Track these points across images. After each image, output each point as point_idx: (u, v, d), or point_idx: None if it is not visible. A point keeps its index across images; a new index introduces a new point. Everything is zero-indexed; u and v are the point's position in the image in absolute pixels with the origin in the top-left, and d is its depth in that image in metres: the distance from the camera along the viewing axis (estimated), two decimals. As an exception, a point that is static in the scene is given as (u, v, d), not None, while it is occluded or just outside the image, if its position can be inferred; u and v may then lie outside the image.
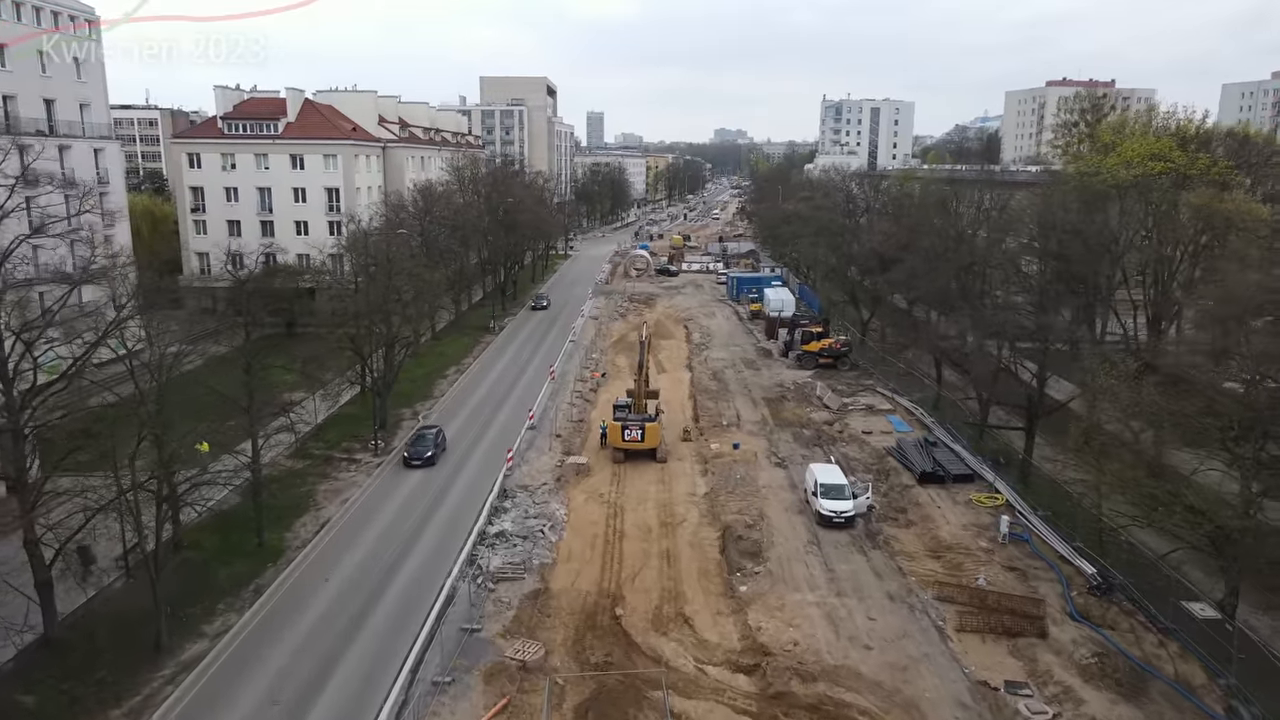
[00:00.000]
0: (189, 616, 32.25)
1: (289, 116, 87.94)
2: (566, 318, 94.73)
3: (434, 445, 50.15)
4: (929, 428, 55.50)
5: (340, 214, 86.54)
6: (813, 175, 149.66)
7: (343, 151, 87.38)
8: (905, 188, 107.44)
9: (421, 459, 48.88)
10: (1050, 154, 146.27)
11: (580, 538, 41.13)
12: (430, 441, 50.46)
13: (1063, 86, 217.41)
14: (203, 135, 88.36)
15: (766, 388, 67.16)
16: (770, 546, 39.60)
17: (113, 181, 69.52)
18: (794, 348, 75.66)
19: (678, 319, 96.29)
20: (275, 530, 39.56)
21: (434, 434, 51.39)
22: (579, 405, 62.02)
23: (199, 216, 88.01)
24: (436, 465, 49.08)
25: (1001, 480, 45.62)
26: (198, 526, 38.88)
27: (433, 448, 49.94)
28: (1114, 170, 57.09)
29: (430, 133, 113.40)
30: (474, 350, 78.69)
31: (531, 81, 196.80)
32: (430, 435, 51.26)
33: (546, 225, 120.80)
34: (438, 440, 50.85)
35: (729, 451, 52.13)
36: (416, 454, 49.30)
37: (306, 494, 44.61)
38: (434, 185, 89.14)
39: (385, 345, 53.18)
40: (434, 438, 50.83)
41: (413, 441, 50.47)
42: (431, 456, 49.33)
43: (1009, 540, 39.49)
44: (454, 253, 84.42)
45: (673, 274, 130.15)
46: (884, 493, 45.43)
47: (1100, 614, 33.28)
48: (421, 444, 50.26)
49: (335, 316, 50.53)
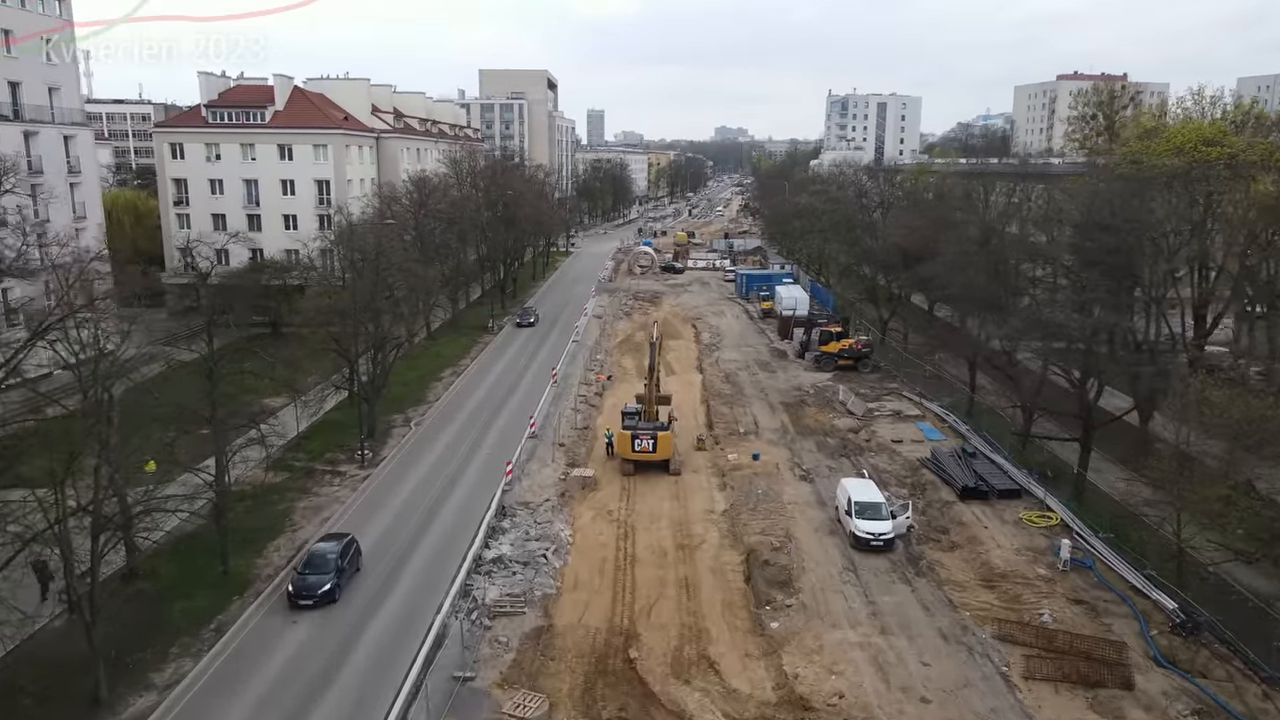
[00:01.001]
0: (136, 662, 27.84)
1: (277, 105, 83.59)
2: (568, 318, 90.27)
3: (334, 571, 31.74)
4: (964, 436, 51.06)
5: (331, 207, 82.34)
6: (820, 170, 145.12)
7: (333, 141, 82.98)
8: (921, 182, 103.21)
9: (313, 596, 31.02)
10: (1066, 147, 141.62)
11: (588, 562, 36.72)
12: (329, 564, 31.78)
13: (1074, 80, 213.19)
14: (186, 124, 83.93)
15: (784, 391, 62.73)
16: (801, 574, 35.18)
17: (85, 171, 65.07)
18: (811, 348, 71.25)
19: (685, 318, 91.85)
20: (244, 555, 35.13)
21: (335, 553, 32.29)
22: (584, 411, 57.58)
23: (182, 210, 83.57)
24: (435, 479, 44.59)
25: (1053, 497, 41.17)
26: (156, 552, 34.48)
27: (333, 576, 31.48)
28: (1161, 157, 52.57)
29: (427, 124, 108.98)
30: (471, 351, 74.26)
31: (532, 74, 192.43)
32: (330, 556, 32.11)
33: (547, 221, 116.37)
34: (343, 560, 32.40)
35: (748, 463, 47.71)
36: (305, 588, 31.12)
37: (283, 513, 40.15)
38: (429, 176, 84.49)
39: (374, 346, 48.75)
40: (335, 559, 32.02)
41: (302, 566, 32.09)
42: (330, 591, 31.12)
43: (1070, 567, 35.08)
44: (450, 248, 79.99)
45: (678, 271, 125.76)
46: (922, 510, 41.02)
47: (1189, 658, 28.88)
48: (314, 570, 31.61)
49: (319, 315, 46.02)
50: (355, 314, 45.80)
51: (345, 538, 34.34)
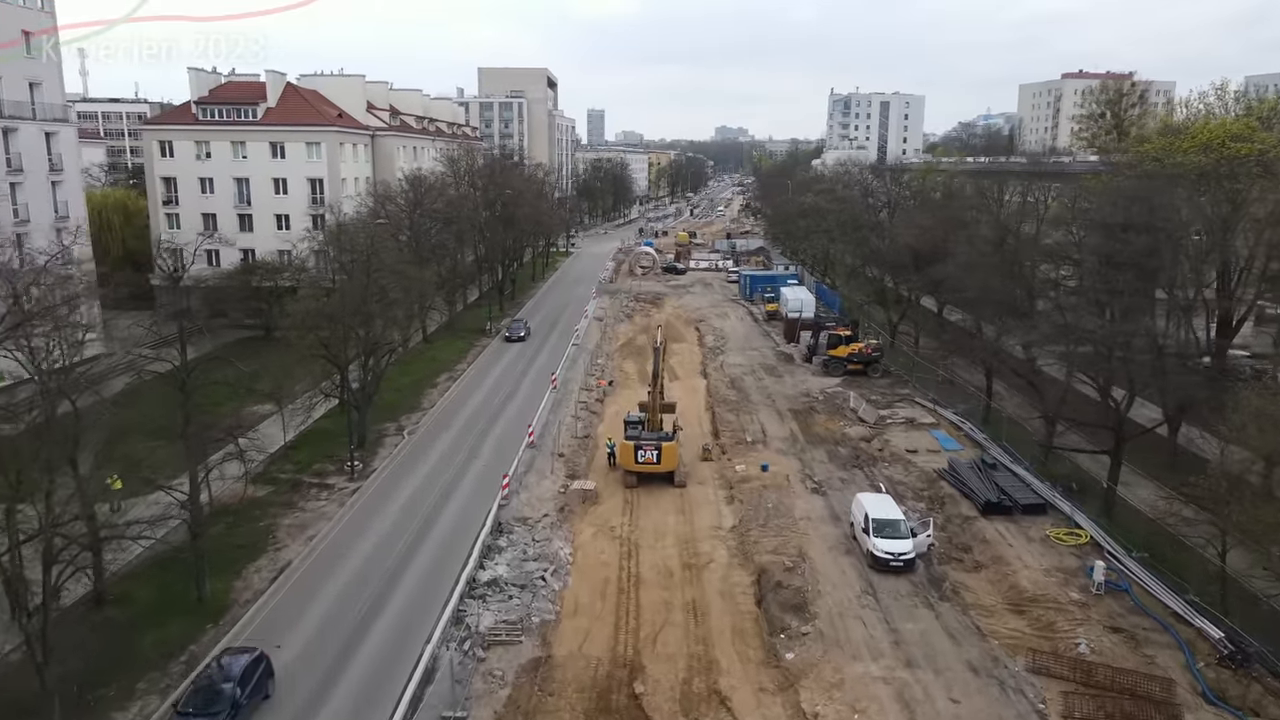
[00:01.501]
0: (99, 700, 25.63)
1: (269, 101, 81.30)
2: (568, 320, 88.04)
3: (229, 704, 24.10)
4: (982, 446, 48.83)
5: (324, 206, 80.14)
6: (823, 169, 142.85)
7: (327, 139, 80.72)
8: (928, 181, 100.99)
9: None
10: (1074, 146, 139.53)
11: (588, 584, 34.51)
12: (223, 699, 24.16)
13: (1080, 79, 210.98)
14: (175, 121, 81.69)
15: (792, 397, 60.47)
16: (817, 597, 32.95)
17: (67, 169, 62.83)
18: (819, 352, 68.97)
19: (688, 320, 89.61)
20: (222, 578, 32.92)
21: (235, 679, 24.74)
22: (584, 418, 55.34)
23: (171, 209, 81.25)
24: (427, 493, 42.36)
25: (1080, 512, 38.93)
26: (129, 574, 32.28)
27: (227, 710, 23.98)
28: (1188, 155, 50.36)
29: (424, 122, 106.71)
30: (468, 355, 72.00)
31: (531, 73, 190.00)
32: (224, 687, 24.45)
33: (547, 220, 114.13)
34: (245, 681, 24.93)
35: (757, 474, 45.46)
36: None
37: (265, 530, 37.92)
38: (425, 175, 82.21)
39: (365, 353, 46.50)
40: (239, 677, 24.86)
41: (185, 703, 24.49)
42: None
43: (1105, 590, 32.85)
44: (446, 249, 77.75)
45: (680, 272, 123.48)
46: (942, 525, 38.78)
47: (1240, 693, 26.67)
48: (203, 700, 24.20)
49: (308, 319, 43.75)
50: (345, 318, 43.51)
51: (243, 659, 25.70)
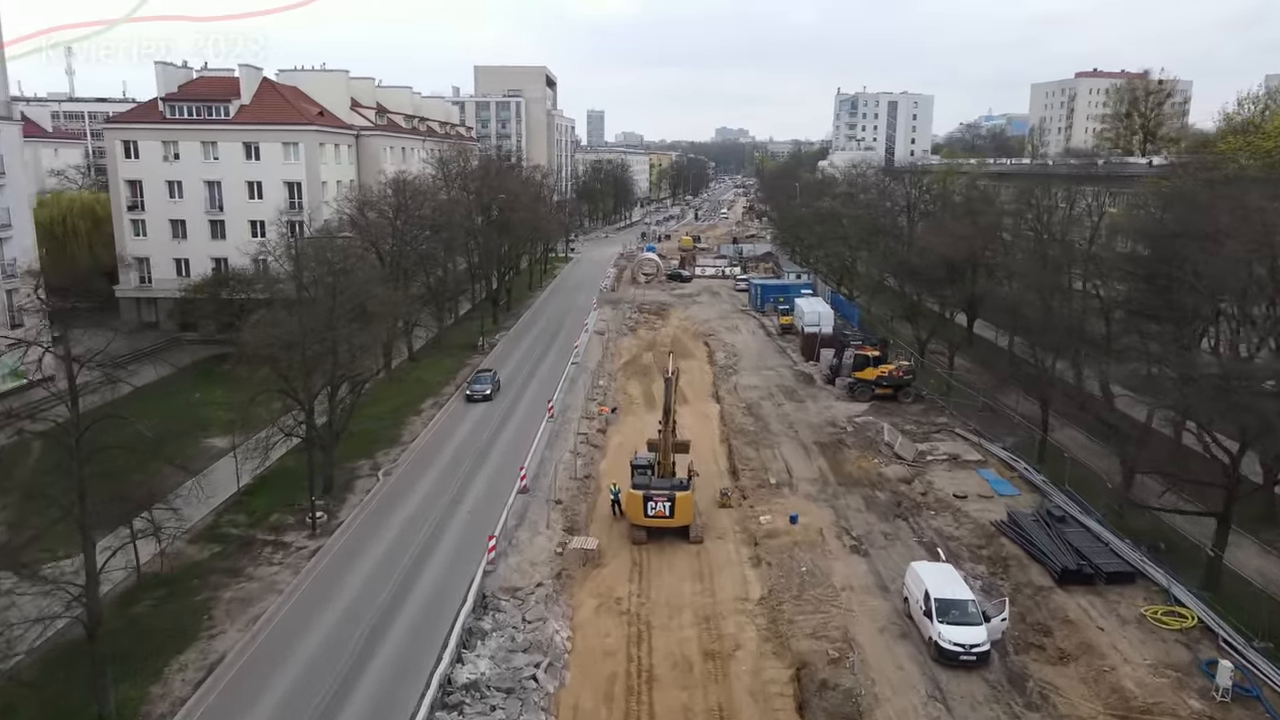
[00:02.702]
0: None
1: (243, 98, 74.93)
2: (568, 335, 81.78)
3: None
4: (1042, 491, 42.49)
5: (303, 212, 73.91)
6: (831, 171, 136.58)
7: (305, 139, 74.40)
8: (950, 183, 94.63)
9: None
10: (1099, 146, 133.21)
11: (590, 683, 28.18)
12: None
13: (1094, 78, 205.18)
14: (140, 119, 75.22)
15: (816, 427, 54.13)
16: (874, 705, 26.60)
17: (10, 172, 56.52)
18: (842, 373, 62.71)
19: (696, 333, 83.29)
20: (136, 680, 26.55)
21: None
22: (585, 453, 49.00)
23: (137, 215, 74.97)
24: (400, 554, 36.06)
25: (1179, 583, 32.53)
26: (15, 676, 25.88)
27: None
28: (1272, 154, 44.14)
29: (413, 121, 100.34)
30: (458, 376, 65.59)
31: (529, 71, 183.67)
32: None
33: (544, 225, 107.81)
34: None
35: (785, 527, 39.12)
36: None
37: (201, 607, 31.54)
38: (410, 178, 75.81)
39: (330, 385, 40.14)
40: None
41: None
42: None
43: (1230, 695, 26.52)
44: (436, 259, 71.40)
45: (685, 279, 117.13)
46: (1011, 597, 32.44)
47: None
48: None
49: (262, 348, 37.39)
50: (306, 346, 37.12)
51: None
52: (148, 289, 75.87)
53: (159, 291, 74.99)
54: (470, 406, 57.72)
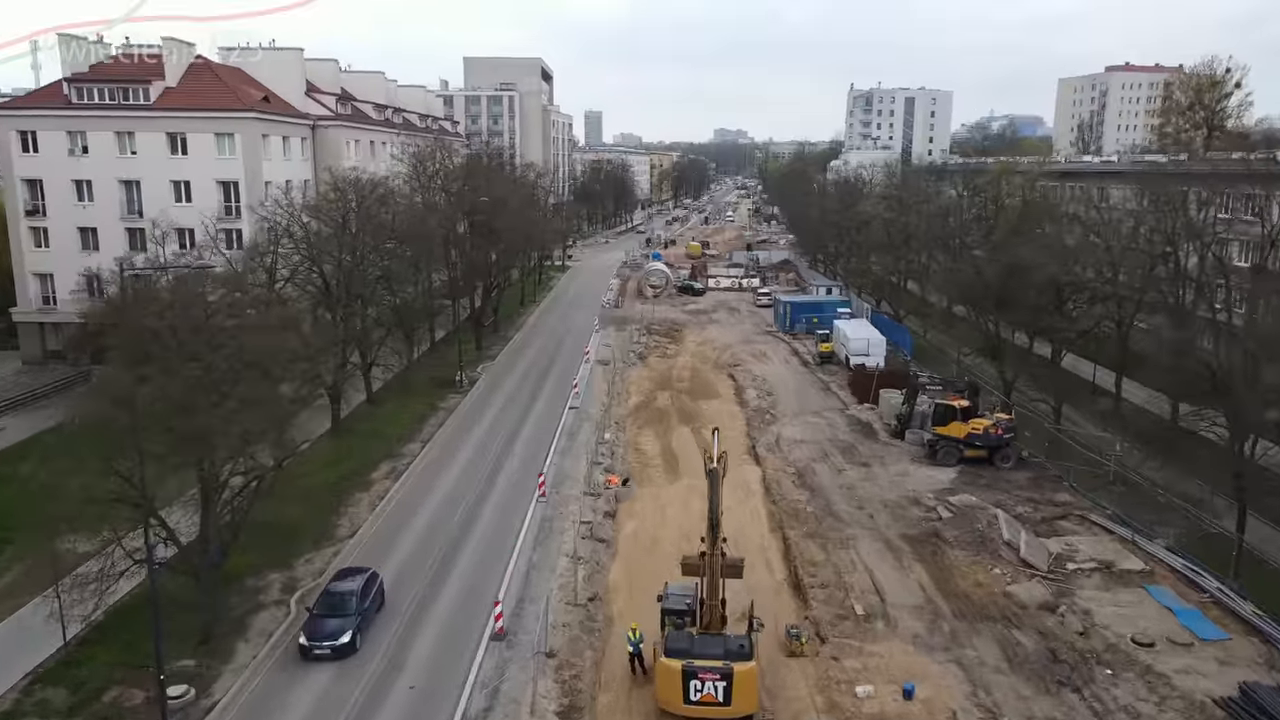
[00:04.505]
0: None
1: (168, 80, 61.49)
2: (563, 368, 68.31)
3: None
4: (1261, 629, 28.99)
5: (241, 219, 60.47)
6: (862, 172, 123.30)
7: (243, 129, 60.89)
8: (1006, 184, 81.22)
9: None
10: (1158, 143, 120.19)
11: None
12: None
13: (1126, 72, 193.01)
14: (39, 105, 61.62)
15: (896, 507, 40.55)
16: None
17: None
18: (913, 423, 49.26)
19: (718, 363, 69.73)
20: None
21: None
22: (588, 558, 35.36)
23: (37, 221, 61.46)
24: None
25: None
26: None
27: None
28: None
29: (385, 111, 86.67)
30: (425, 426, 52.00)
31: (523, 63, 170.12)
32: None
33: (539, 232, 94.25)
34: None
35: (898, 709, 25.58)
36: None
37: None
38: (371, 176, 62.26)
39: (203, 485, 26.55)
40: None
41: None
42: None
43: None
44: (400, 276, 57.80)
45: (698, 292, 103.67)
46: None
47: None
48: None
49: (86, 444, 23.95)
50: (139, 439, 23.46)
51: None
52: (51, 311, 62.32)
53: (65, 315, 61.34)
54: (437, 472, 44.19)
